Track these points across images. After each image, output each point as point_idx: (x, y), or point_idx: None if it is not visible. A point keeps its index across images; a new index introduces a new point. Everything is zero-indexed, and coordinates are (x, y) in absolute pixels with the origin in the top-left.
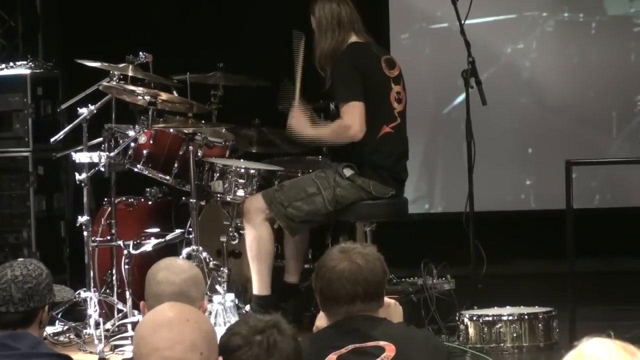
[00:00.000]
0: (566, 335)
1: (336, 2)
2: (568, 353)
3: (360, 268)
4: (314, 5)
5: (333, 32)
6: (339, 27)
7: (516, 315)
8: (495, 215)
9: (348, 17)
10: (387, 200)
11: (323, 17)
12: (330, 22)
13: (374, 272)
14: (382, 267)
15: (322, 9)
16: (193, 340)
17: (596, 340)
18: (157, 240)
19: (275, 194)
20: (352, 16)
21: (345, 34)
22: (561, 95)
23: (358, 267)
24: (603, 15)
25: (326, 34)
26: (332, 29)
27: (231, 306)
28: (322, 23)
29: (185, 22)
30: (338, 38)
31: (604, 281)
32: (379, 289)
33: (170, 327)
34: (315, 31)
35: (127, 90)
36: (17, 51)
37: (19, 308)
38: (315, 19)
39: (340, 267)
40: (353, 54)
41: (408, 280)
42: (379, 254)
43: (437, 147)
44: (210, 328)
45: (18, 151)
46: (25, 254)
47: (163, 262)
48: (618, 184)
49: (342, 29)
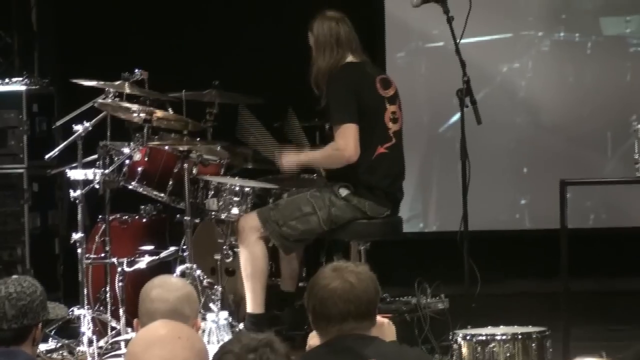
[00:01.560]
0: (560, 356)
1: (335, 21)
2: None
3: (353, 287)
4: (313, 22)
5: (332, 50)
6: (337, 45)
7: (510, 335)
8: (490, 235)
9: (346, 36)
10: (382, 220)
11: (321, 35)
12: (328, 40)
13: (366, 291)
14: (375, 286)
15: (320, 27)
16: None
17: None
18: (151, 258)
19: (270, 213)
20: (350, 35)
21: (343, 52)
22: (556, 114)
23: (351, 285)
24: (599, 36)
25: (324, 52)
26: (331, 47)
27: (225, 324)
28: (320, 41)
29: (181, 39)
30: (336, 57)
31: (598, 301)
32: (371, 307)
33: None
34: (313, 48)
35: (122, 108)
36: (13, 68)
37: (13, 325)
38: (314, 36)
39: (333, 285)
40: (347, 75)
41: (402, 299)
42: (371, 272)
43: (432, 166)
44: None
45: (13, 168)
46: (19, 270)
47: (157, 279)
48: (613, 204)
49: (340, 48)
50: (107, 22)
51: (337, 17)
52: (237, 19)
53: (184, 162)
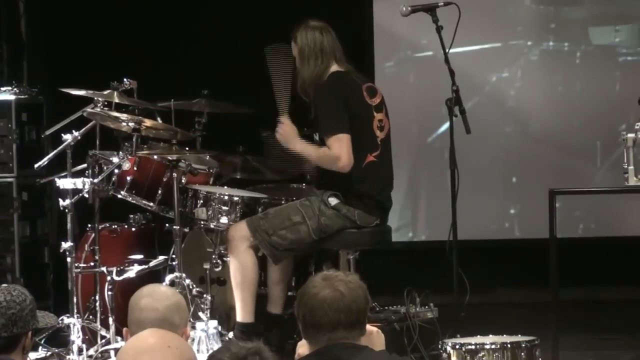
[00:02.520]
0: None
1: (319, 30)
2: None
3: (343, 295)
4: (296, 33)
5: (316, 59)
6: (322, 54)
7: (499, 344)
8: (479, 244)
9: (330, 45)
10: (371, 229)
11: (305, 45)
12: (312, 50)
13: (356, 300)
14: (365, 295)
15: (304, 37)
16: None
17: None
18: (140, 267)
19: (260, 222)
20: (334, 44)
21: (328, 62)
22: (546, 124)
23: (340, 294)
24: (588, 45)
25: (309, 61)
26: (315, 56)
27: (214, 333)
28: (304, 50)
29: (170, 49)
30: (320, 66)
31: (587, 310)
32: (361, 316)
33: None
34: (297, 59)
35: (111, 117)
36: (2, 77)
37: (2, 334)
38: (297, 46)
39: (323, 294)
40: (335, 84)
41: (391, 309)
42: (361, 282)
43: (421, 175)
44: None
45: (2, 177)
46: (8, 279)
47: (146, 288)
48: (602, 213)
49: (325, 57)
50: (96, 31)
51: (320, 26)
52: (226, 28)
53: (173, 172)
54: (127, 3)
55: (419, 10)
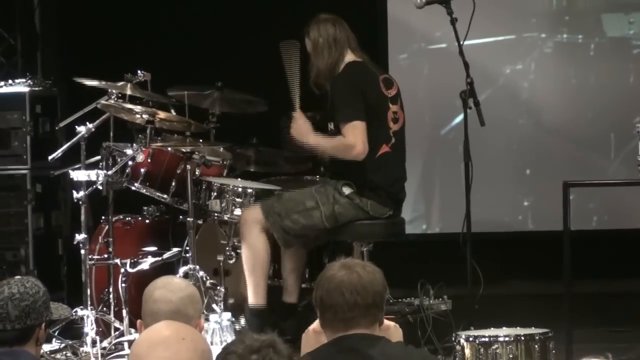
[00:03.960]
0: (563, 357)
1: (330, 22)
2: None
3: (360, 277)
4: (308, 28)
5: (330, 49)
6: (335, 44)
7: (512, 337)
8: (493, 236)
9: (343, 36)
10: (385, 221)
11: (318, 37)
12: (326, 41)
13: (373, 283)
14: (382, 280)
15: (316, 31)
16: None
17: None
18: (154, 259)
19: (274, 205)
20: (347, 34)
21: (342, 50)
22: (559, 116)
23: (358, 276)
24: (602, 37)
25: (322, 52)
26: (329, 46)
27: (228, 325)
28: (317, 43)
29: (183, 41)
30: (334, 55)
31: (601, 303)
32: (378, 299)
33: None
34: (311, 53)
35: (125, 109)
36: (16, 69)
37: (16, 325)
38: (311, 40)
39: (339, 276)
40: (352, 73)
41: (405, 301)
42: (378, 268)
43: (435, 167)
44: (206, 347)
45: (16, 169)
46: (22, 271)
47: (160, 280)
48: (616, 205)
49: (338, 46)
50: (110, 23)
51: (331, 18)
52: (239, 19)
53: (186, 163)
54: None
55: (434, 2)
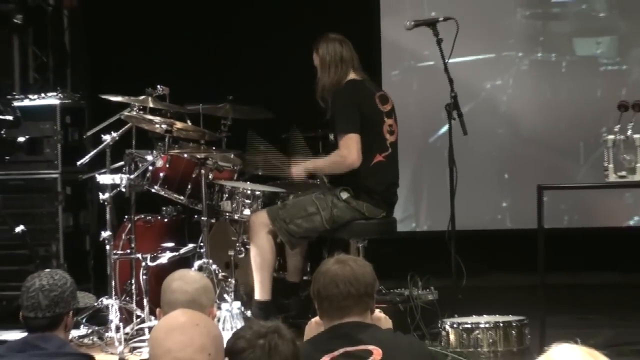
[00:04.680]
0: (537, 341)
1: (338, 42)
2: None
3: (352, 270)
4: (318, 44)
5: (336, 67)
6: (341, 63)
7: (492, 323)
8: (475, 234)
9: (348, 56)
10: (378, 220)
11: (327, 54)
12: (333, 59)
13: (364, 275)
14: (372, 272)
15: (325, 48)
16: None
17: (564, 345)
18: (171, 254)
19: (279, 212)
20: (352, 54)
21: (346, 69)
22: (534, 126)
23: (350, 269)
24: (573, 56)
25: (329, 69)
26: (335, 65)
27: (237, 313)
28: (325, 59)
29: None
30: (340, 73)
31: (571, 293)
32: (369, 290)
33: (182, 331)
34: (318, 67)
35: (146, 120)
36: (48, 84)
37: (46, 314)
38: (319, 56)
39: (334, 269)
40: (351, 90)
41: (396, 291)
42: (368, 262)
43: (423, 172)
44: (218, 332)
45: (48, 173)
46: (54, 264)
47: (177, 273)
48: (585, 206)
49: (344, 65)
50: (133, 42)
51: (339, 38)
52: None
53: (201, 168)
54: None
55: (422, 24)
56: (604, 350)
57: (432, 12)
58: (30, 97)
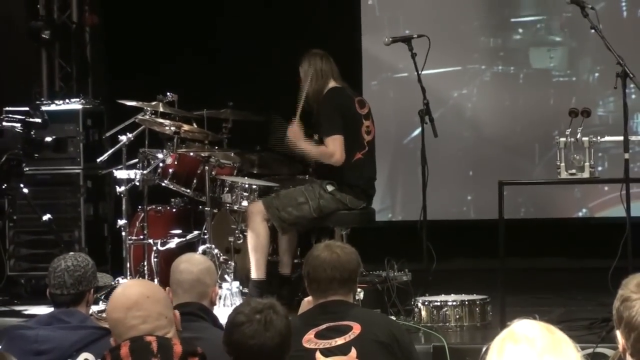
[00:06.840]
0: (498, 317)
1: (319, 57)
2: (501, 331)
3: (339, 257)
4: (302, 60)
5: (317, 79)
6: (322, 74)
7: (459, 302)
8: (443, 223)
9: (327, 68)
10: (360, 211)
11: (308, 68)
12: (314, 71)
13: (350, 261)
14: (357, 259)
15: (307, 62)
16: (158, 311)
17: (525, 320)
18: (179, 240)
19: (273, 201)
20: (331, 66)
21: (326, 79)
22: (495, 130)
23: (337, 256)
24: (529, 68)
25: (311, 81)
26: (316, 77)
27: (237, 291)
28: (308, 72)
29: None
30: (320, 83)
31: (528, 275)
32: (353, 275)
33: (138, 307)
34: (302, 79)
35: (157, 122)
36: (72, 91)
37: (71, 291)
38: (303, 69)
39: (323, 255)
40: (333, 97)
41: (374, 273)
42: (354, 249)
43: (398, 169)
44: (162, 294)
45: (71, 169)
46: (76, 248)
47: (184, 256)
48: (540, 200)
49: (324, 76)
50: (146, 55)
51: (320, 53)
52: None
53: (205, 165)
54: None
55: (398, 40)
56: (558, 325)
57: (407, 30)
58: (56, 102)
